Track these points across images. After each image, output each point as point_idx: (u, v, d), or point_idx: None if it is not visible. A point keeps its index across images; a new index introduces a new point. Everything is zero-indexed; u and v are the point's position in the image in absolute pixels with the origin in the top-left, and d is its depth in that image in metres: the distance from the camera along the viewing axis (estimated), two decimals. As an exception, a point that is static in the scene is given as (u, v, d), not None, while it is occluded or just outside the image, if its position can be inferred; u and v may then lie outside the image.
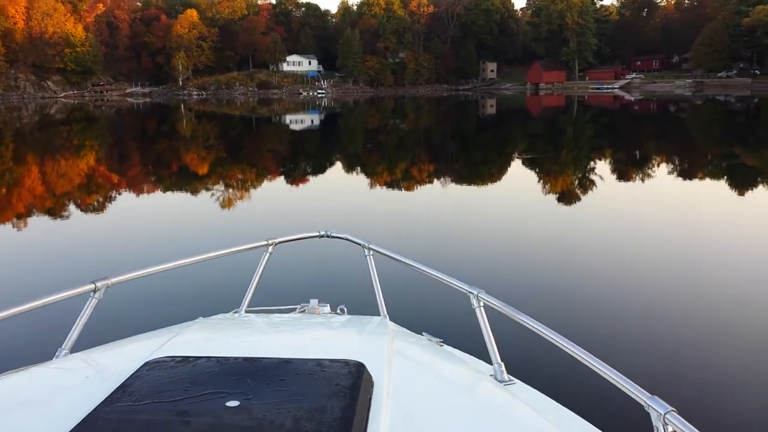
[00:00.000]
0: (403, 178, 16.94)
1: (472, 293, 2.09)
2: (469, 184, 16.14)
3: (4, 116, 50.48)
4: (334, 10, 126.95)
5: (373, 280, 2.78)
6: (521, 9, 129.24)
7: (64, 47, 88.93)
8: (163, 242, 9.22)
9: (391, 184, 16.01)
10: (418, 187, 15.67)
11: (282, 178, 17.65)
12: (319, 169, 19.62)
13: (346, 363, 1.45)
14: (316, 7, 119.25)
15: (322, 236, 3.08)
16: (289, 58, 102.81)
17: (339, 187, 15.67)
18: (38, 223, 11.16)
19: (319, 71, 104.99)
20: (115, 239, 9.47)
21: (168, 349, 1.61)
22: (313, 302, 2.74)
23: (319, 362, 1.45)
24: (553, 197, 13.93)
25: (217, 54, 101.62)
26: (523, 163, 20.52)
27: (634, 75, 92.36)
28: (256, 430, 1.12)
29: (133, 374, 1.38)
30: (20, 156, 23.06)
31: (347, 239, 3.00)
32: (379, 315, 2.59)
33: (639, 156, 21.69)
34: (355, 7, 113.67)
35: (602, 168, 18.64)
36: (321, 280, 6.98)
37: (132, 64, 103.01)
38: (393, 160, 20.70)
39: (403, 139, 29.31)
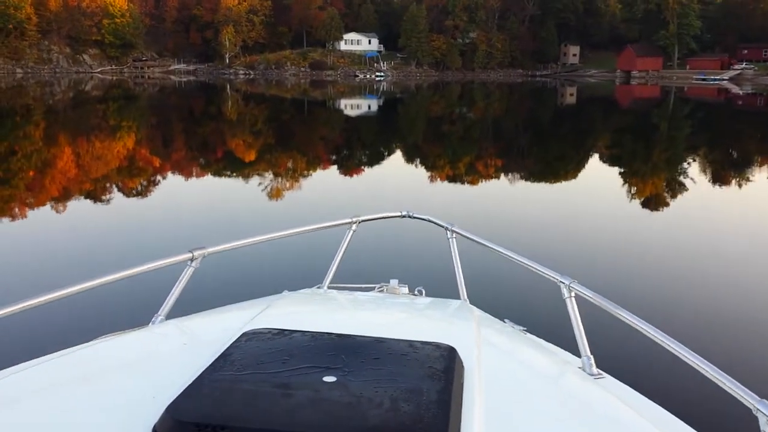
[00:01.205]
0: (467, 172, 17.22)
1: (564, 283, 2.22)
2: (545, 179, 16.40)
3: (35, 91, 52.94)
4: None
5: (454, 262, 3.04)
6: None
7: (103, 18, 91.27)
8: (250, 218, 10.47)
9: (455, 178, 16.36)
10: (488, 181, 15.98)
11: (341, 165, 18.34)
12: (376, 158, 20.14)
13: (437, 346, 1.58)
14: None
15: (404, 216, 3.42)
16: (347, 36, 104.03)
17: (403, 178, 16.17)
18: (133, 198, 12.72)
19: (379, 51, 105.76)
20: (206, 215, 10.86)
21: (261, 321, 1.81)
22: (393, 282, 3.02)
23: (410, 343, 1.59)
24: (641, 196, 14.17)
25: (269, 30, 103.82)
26: (607, 160, 20.42)
27: (744, 65, 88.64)
28: (355, 406, 1.22)
29: (232, 344, 1.54)
30: (95, 133, 24.52)
31: (429, 221, 3.33)
32: (458, 298, 2.83)
33: (747, 159, 21.07)
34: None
35: (701, 170, 18.30)
36: (401, 261, 7.74)
37: (179, 39, 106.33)
38: (458, 153, 20.96)
39: (470, 129, 29.48)
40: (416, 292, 3.00)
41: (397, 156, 20.87)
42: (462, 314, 2.32)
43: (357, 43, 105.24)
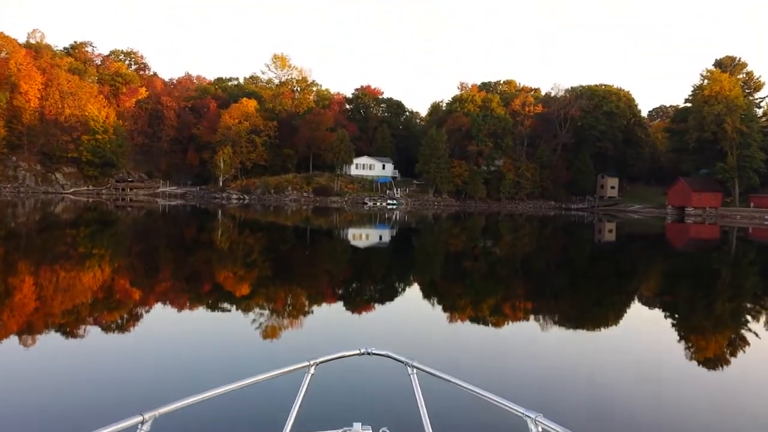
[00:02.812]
0: (492, 313, 16.98)
1: (530, 417, 2.53)
2: (580, 325, 15.98)
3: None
4: (423, 112, 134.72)
5: (417, 399, 3.40)
6: (648, 115, 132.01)
7: (82, 133, 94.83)
8: (203, 368, 10.59)
9: (477, 320, 16.08)
10: (509, 324, 15.56)
11: (347, 304, 18.05)
12: (388, 295, 19.81)
13: None
14: (398, 104, 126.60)
15: (363, 354, 3.79)
16: (358, 160, 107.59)
17: (418, 321, 15.72)
18: (81, 347, 12.09)
19: (394, 177, 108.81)
20: (154, 367, 10.72)
21: None
22: (357, 426, 3.37)
23: None
24: (683, 350, 13.79)
25: (273, 152, 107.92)
26: (646, 303, 20.28)
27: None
28: None
29: None
30: (38, 269, 24.48)
31: (389, 356, 3.70)
32: None
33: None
34: (444, 105, 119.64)
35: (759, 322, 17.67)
36: (363, 401, 8.43)
37: (175, 159, 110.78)
38: (481, 293, 20.73)
39: (495, 267, 29.28)
40: None
41: (412, 294, 20.53)
42: None
43: (369, 167, 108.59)
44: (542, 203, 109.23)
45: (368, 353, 3.77)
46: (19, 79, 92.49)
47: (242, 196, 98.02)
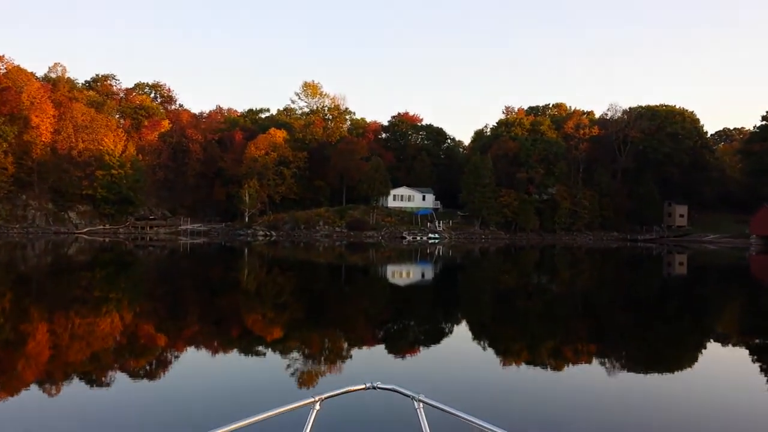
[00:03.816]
0: (550, 356, 16.73)
1: None
2: (647, 369, 15.46)
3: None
4: (467, 141, 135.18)
5: None
6: (711, 138, 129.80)
7: (96, 169, 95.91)
8: (207, 407, 11.05)
9: (534, 362, 15.89)
10: (567, 367, 15.26)
11: (390, 348, 17.79)
12: (433, 338, 19.51)
13: None
14: (439, 131, 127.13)
15: (369, 388, 4.02)
16: (395, 191, 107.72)
17: (472, 368, 15.40)
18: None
19: (435, 208, 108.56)
20: (158, 409, 11.25)
21: None
22: None
23: None
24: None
25: (304, 184, 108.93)
26: (729, 345, 19.55)
27: None
28: None
29: None
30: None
31: (395, 390, 3.94)
32: None
33: None
34: (489, 131, 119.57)
35: None
36: None
37: (201, 194, 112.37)
38: (537, 335, 20.35)
39: (551, 305, 28.76)
40: None
41: (461, 337, 20.19)
42: None
43: (408, 199, 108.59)
44: (603, 234, 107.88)
45: (374, 387, 4.00)
46: (30, 112, 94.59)
47: (269, 232, 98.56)
